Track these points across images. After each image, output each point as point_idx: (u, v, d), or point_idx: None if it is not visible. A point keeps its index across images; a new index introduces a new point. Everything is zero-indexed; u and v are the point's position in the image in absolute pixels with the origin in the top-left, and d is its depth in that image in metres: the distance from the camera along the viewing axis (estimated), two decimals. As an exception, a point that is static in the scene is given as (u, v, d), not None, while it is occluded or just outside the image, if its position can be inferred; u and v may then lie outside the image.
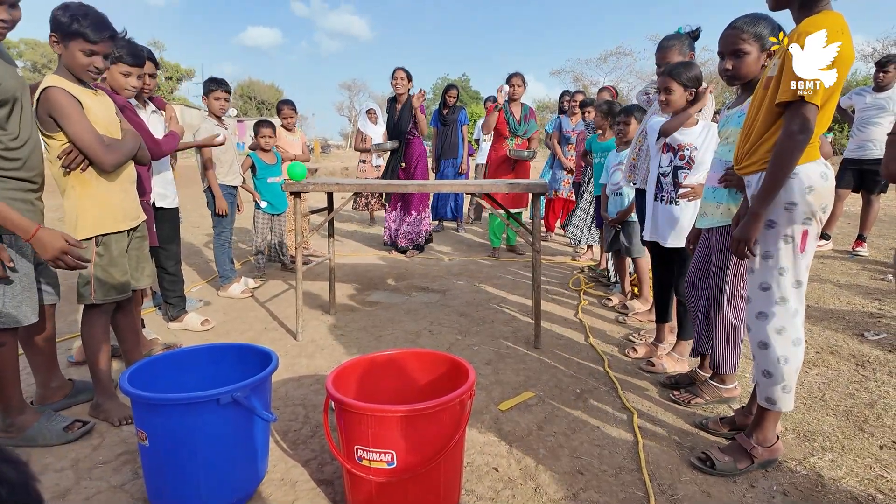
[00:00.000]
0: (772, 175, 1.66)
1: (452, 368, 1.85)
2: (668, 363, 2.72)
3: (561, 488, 1.80)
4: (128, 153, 2.21)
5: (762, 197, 1.69)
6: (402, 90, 5.16)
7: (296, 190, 3.14)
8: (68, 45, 1.98)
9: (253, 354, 1.95)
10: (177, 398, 1.57)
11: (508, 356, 2.92)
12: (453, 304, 3.88)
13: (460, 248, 5.98)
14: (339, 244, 6.01)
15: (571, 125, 5.83)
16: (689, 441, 2.09)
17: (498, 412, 2.31)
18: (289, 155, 4.88)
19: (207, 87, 3.91)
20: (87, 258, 2.01)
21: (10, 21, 1.82)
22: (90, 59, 2.00)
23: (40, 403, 2.26)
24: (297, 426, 2.19)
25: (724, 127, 2.16)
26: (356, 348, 3.04)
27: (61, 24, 1.94)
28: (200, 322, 3.32)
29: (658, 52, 2.88)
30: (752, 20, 1.95)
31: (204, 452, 1.61)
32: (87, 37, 1.96)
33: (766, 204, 1.69)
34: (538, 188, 2.98)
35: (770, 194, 1.68)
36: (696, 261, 2.35)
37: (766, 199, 1.69)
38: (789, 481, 1.84)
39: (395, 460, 1.52)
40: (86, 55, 1.99)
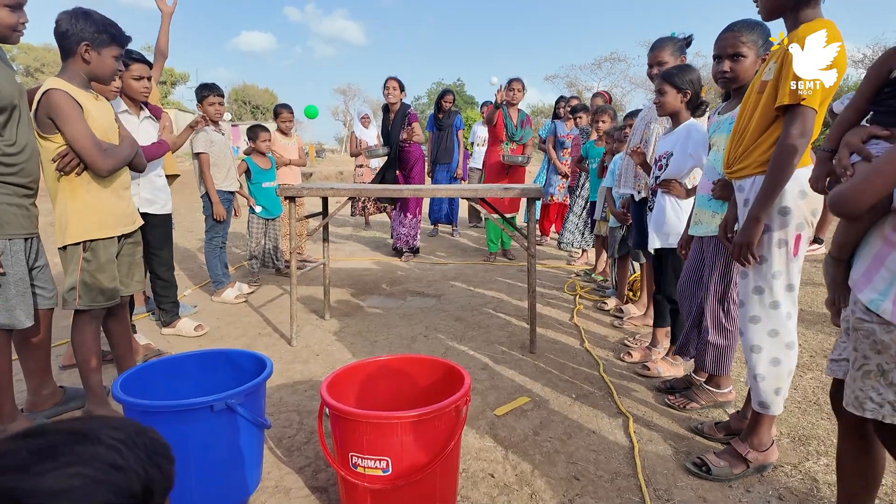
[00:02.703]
0: (772, 179, 1.66)
1: (448, 374, 1.85)
2: (664, 367, 2.73)
3: (557, 494, 1.79)
4: (124, 159, 2.20)
5: (762, 201, 1.70)
6: (394, 100, 5.18)
7: (291, 194, 3.13)
8: (102, 51, 2.06)
9: (247, 360, 1.93)
10: (170, 405, 1.55)
11: (504, 361, 2.92)
12: (449, 308, 3.88)
13: (455, 253, 5.98)
14: (334, 249, 6.00)
15: (566, 130, 5.86)
16: (684, 446, 2.09)
17: (494, 417, 2.30)
18: (283, 160, 4.87)
19: (200, 93, 3.91)
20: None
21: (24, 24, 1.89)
22: (117, 63, 2.14)
23: (31, 410, 2.24)
24: (292, 433, 2.17)
25: (716, 133, 2.15)
26: (351, 353, 3.03)
27: (92, 33, 2.01)
28: (194, 327, 3.30)
29: (651, 52, 2.89)
30: (750, 25, 1.96)
31: (197, 460, 1.60)
32: (121, 43, 2.11)
33: (765, 208, 1.70)
34: (533, 193, 2.99)
35: (770, 198, 1.69)
36: (688, 266, 2.35)
37: (766, 203, 1.69)
38: (785, 486, 1.84)
39: (391, 467, 1.51)
40: (116, 60, 2.12)
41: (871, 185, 1.15)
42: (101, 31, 2.02)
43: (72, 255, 2.14)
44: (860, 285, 1.25)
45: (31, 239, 2.04)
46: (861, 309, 1.24)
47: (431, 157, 6.50)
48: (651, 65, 2.88)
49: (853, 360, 1.28)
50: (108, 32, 2.05)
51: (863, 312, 1.24)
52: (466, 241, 6.77)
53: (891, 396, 1.21)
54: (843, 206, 1.22)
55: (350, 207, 7.06)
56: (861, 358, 1.25)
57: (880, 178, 1.13)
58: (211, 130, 3.86)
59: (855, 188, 1.18)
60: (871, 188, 1.15)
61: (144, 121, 2.98)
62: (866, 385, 1.25)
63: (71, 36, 2.00)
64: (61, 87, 1.99)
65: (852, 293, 1.29)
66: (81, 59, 2.03)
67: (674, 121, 2.65)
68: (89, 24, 1.99)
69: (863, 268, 1.25)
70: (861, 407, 1.26)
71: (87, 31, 1.99)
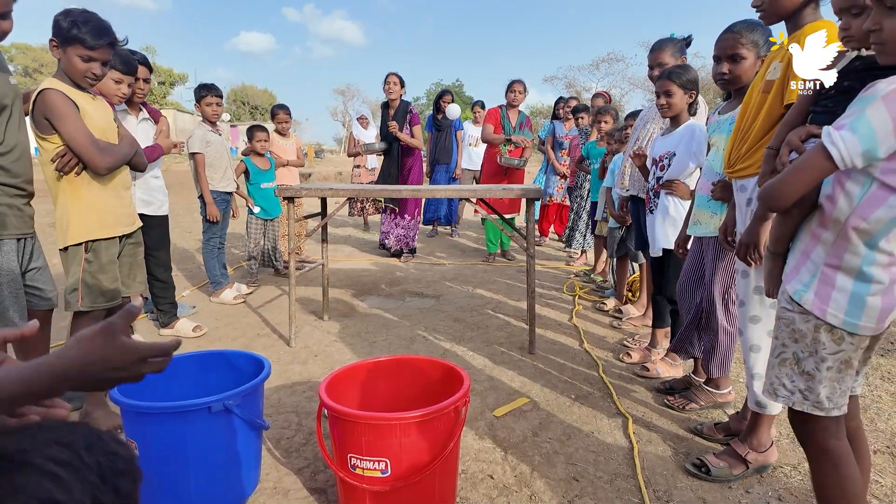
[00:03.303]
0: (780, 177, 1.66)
1: (447, 375, 1.84)
2: (663, 368, 2.72)
3: (556, 495, 1.79)
4: (123, 157, 2.19)
5: None
6: (394, 95, 5.17)
7: (289, 195, 3.12)
8: (66, 50, 1.98)
9: (245, 361, 1.93)
10: (167, 406, 1.55)
11: (503, 362, 2.91)
12: (447, 309, 3.87)
13: (454, 253, 5.98)
14: (333, 249, 5.99)
15: (565, 130, 5.86)
16: (684, 447, 2.09)
17: (493, 418, 2.29)
18: (282, 160, 4.86)
19: (198, 93, 3.90)
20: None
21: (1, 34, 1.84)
22: (87, 64, 2.00)
23: (28, 412, 2.23)
24: (290, 434, 2.17)
25: (716, 133, 2.15)
26: (350, 354, 3.02)
27: (61, 30, 1.95)
28: (192, 328, 3.29)
29: (651, 53, 2.88)
30: (750, 26, 1.95)
31: (195, 462, 1.59)
32: (85, 43, 1.97)
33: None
34: (533, 193, 2.98)
35: None
36: (688, 267, 2.35)
37: None
38: (784, 486, 1.84)
39: (389, 468, 1.50)
40: (83, 61, 1.99)
41: (792, 181, 1.24)
42: (67, 28, 1.93)
43: (73, 256, 2.14)
44: (789, 277, 1.33)
45: (25, 240, 2.03)
46: (786, 299, 1.32)
47: (430, 158, 6.50)
48: (652, 66, 2.88)
49: (772, 349, 1.36)
50: (73, 30, 1.93)
51: (787, 302, 1.32)
52: (465, 241, 6.77)
53: (802, 385, 1.29)
54: (768, 201, 1.32)
55: (348, 208, 7.04)
56: (780, 346, 1.33)
57: (799, 174, 1.22)
58: (207, 130, 3.86)
59: (778, 184, 1.27)
60: (792, 184, 1.24)
61: (142, 122, 2.97)
62: (781, 373, 1.33)
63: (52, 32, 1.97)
64: (55, 86, 1.98)
65: (782, 285, 1.37)
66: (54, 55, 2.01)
67: (673, 121, 2.64)
68: (62, 20, 1.94)
69: (793, 262, 1.33)
70: (775, 393, 1.34)
71: (56, 28, 1.96)
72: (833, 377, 1.26)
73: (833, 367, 1.26)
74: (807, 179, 1.22)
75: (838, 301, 1.23)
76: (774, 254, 1.42)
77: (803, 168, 1.22)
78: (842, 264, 1.23)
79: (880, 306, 1.21)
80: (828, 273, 1.25)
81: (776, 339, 1.36)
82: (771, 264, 1.45)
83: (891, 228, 1.17)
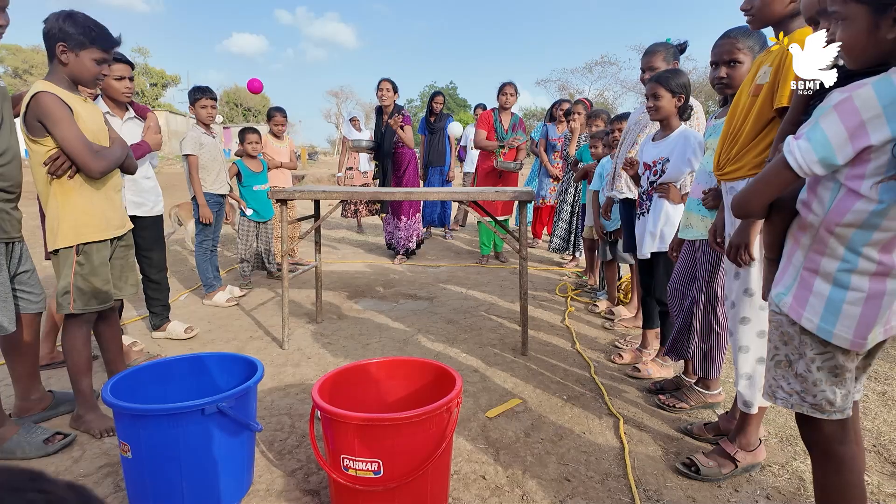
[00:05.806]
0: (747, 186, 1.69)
1: (439, 376, 1.85)
2: (654, 369, 2.75)
3: (548, 495, 1.80)
4: (115, 161, 2.19)
5: None
6: (387, 101, 5.19)
7: (282, 198, 3.13)
8: (80, 53, 2.01)
9: (238, 364, 1.93)
10: (160, 409, 1.55)
11: (496, 363, 2.93)
12: (441, 311, 3.88)
13: (448, 255, 5.99)
14: (326, 251, 5.99)
15: (558, 133, 5.89)
16: (674, 446, 2.11)
17: (485, 419, 2.31)
18: (275, 162, 4.86)
19: (193, 96, 3.89)
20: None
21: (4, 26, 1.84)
22: (100, 67, 2.07)
23: (19, 415, 2.22)
24: (283, 436, 2.17)
25: (712, 137, 2.15)
26: (343, 356, 3.03)
27: (72, 34, 1.97)
28: (184, 329, 3.28)
29: (644, 57, 2.91)
30: (747, 32, 1.97)
31: (188, 464, 1.59)
32: (102, 46, 2.04)
33: None
34: (525, 196, 3.00)
35: None
36: (679, 269, 2.37)
37: None
38: (772, 485, 1.86)
39: (382, 469, 1.51)
40: (97, 63, 2.06)
41: (757, 189, 1.30)
42: (81, 32, 1.97)
43: (64, 259, 2.13)
44: (776, 281, 1.35)
45: (12, 243, 2.02)
46: (774, 302, 1.35)
47: (424, 160, 6.51)
48: (644, 70, 2.90)
49: (768, 351, 1.38)
50: (89, 34, 1.99)
51: (775, 305, 1.34)
52: (459, 243, 6.78)
53: (797, 387, 1.29)
54: (736, 209, 1.38)
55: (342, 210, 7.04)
56: (773, 349, 1.35)
57: (763, 183, 1.28)
58: (201, 133, 3.85)
59: (746, 192, 1.33)
60: (758, 192, 1.30)
61: (128, 122, 2.95)
62: (777, 375, 1.34)
63: (52, 37, 1.98)
64: (49, 89, 1.98)
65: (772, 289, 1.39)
66: (59, 60, 2.01)
67: (664, 125, 2.67)
68: (69, 24, 1.96)
69: (781, 266, 1.36)
70: (773, 396, 1.35)
71: (65, 32, 1.96)
72: (828, 380, 1.25)
73: (823, 369, 1.25)
74: (771, 188, 1.27)
75: (814, 306, 1.23)
76: (770, 260, 1.43)
77: (767, 177, 1.27)
78: (819, 269, 1.23)
79: (858, 316, 1.18)
80: (806, 277, 1.25)
81: (770, 342, 1.36)
82: (767, 270, 1.46)
83: (868, 233, 1.16)
